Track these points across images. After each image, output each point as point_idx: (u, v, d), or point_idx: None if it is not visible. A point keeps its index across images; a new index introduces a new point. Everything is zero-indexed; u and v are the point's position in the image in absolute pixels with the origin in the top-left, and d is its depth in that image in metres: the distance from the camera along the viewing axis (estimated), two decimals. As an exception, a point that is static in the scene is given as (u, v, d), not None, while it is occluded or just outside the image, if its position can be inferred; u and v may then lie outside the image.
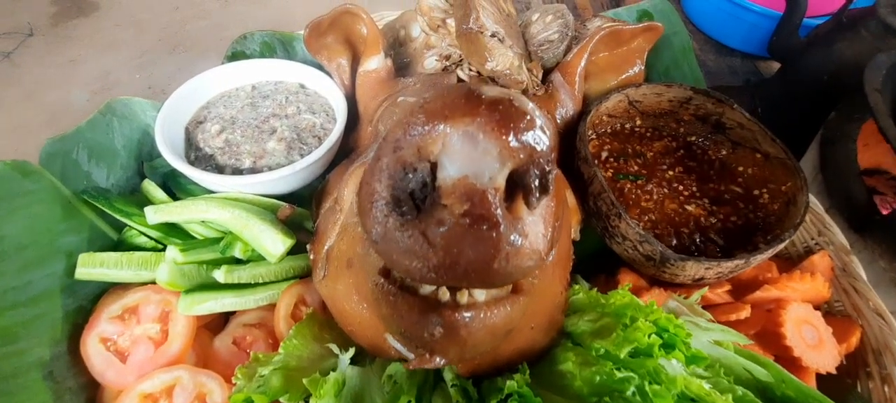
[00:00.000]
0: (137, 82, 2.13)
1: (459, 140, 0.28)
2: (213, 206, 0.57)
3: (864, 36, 0.99)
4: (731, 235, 0.66)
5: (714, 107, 0.71)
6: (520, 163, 0.29)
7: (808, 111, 1.05)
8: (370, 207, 0.30)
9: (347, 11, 0.68)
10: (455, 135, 0.28)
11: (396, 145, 0.29)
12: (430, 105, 0.29)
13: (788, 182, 0.65)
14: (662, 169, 0.72)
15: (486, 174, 0.28)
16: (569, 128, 0.70)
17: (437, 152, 0.29)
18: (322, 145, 0.63)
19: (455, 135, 0.28)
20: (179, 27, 2.30)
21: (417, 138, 0.29)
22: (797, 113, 1.07)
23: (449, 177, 0.29)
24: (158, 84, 2.13)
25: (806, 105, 1.06)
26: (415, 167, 0.29)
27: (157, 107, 0.66)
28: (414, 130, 0.29)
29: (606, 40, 0.70)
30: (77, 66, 2.19)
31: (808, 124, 1.03)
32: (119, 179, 0.62)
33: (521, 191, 0.30)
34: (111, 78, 2.15)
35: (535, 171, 0.29)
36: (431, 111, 0.28)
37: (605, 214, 0.61)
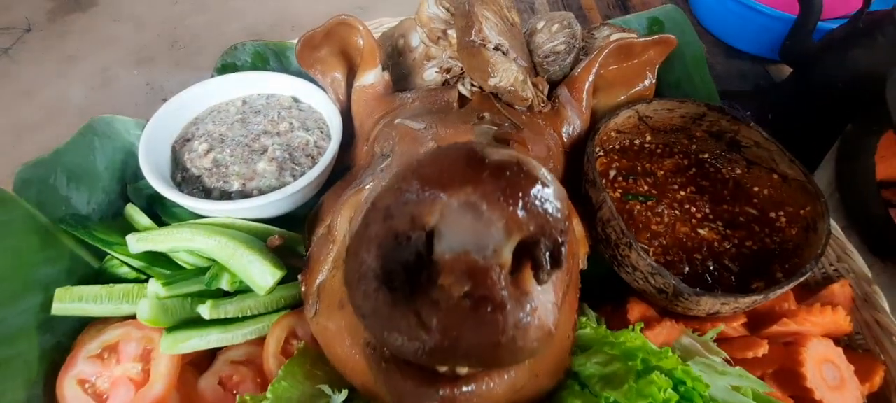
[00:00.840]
0: (136, 78, 2.09)
1: (459, 210, 0.24)
2: (199, 234, 0.53)
3: (882, 43, 0.94)
4: (746, 261, 0.61)
5: (729, 125, 0.67)
6: (529, 235, 0.24)
7: (822, 120, 1.00)
8: (358, 280, 0.26)
9: (343, 22, 0.64)
10: (454, 205, 0.24)
11: (387, 213, 0.25)
12: (426, 169, 0.25)
13: (808, 206, 0.61)
14: (674, 189, 0.67)
15: (490, 247, 0.24)
16: (576, 147, 0.66)
17: (433, 222, 0.25)
18: (315, 167, 0.59)
19: (454, 204, 0.24)
20: (178, 22, 2.24)
21: (411, 207, 0.24)
22: (810, 121, 1.02)
23: (447, 250, 0.24)
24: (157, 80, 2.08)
25: (819, 113, 1.01)
26: (408, 236, 0.25)
27: (141, 125, 0.62)
28: (407, 197, 0.24)
29: (616, 53, 0.66)
30: (75, 63, 2.14)
31: (821, 134, 0.98)
32: (101, 203, 0.58)
33: (528, 259, 0.26)
34: (109, 74, 2.11)
35: (547, 243, 0.25)
36: (427, 177, 0.24)
37: (615, 243, 0.57)
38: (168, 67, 2.10)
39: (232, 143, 0.62)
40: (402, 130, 0.51)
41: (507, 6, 0.72)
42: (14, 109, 2.03)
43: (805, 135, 1.03)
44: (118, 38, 2.23)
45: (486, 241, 0.24)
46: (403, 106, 0.62)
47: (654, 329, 0.56)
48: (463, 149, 0.25)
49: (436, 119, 0.52)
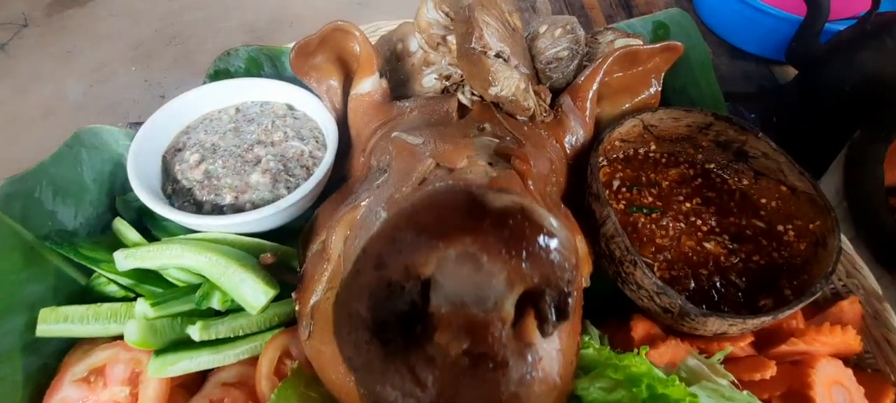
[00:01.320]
0: (133, 75, 2.05)
1: (457, 261, 0.22)
2: (188, 251, 0.51)
3: (891, 46, 0.91)
4: (753, 277, 0.59)
5: (737, 135, 0.65)
6: (533, 286, 0.22)
7: (829, 124, 0.98)
8: (348, 331, 0.24)
9: (338, 28, 0.61)
10: (452, 256, 0.22)
11: (379, 261, 0.23)
12: (422, 216, 0.22)
13: (817, 220, 0.59)
14: (679, 200, 0.65)
15: (491, 300, 0.22)
16: (579, 158, 0.63)
17: (429, 273, 0.22)
18: (309, 180, 0.57)
19: (452, 255, 0.22)
20: (176, 18, 2.21)
21: (405, 256, 0.22)
22: (816, 125, 1.00)
23: (444, 303, 0.22)
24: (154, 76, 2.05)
25: (826, 117, 0.98)
26: (402, 286, 0.23)
27: (130, 135, 0.59)
28: (401, 246, 0.22)
29: (621, 61, 0.63)
30: (72, 58, 2.11)
31: (828, 139, 0.96)
32: (89, 217, 0.56)
33: (531, 308, 0.24)
34: (107, 70, 2.08)
35: (552, 294, 0.22)
36: (423, 225, 0.22)
37: (619, 259, 0.54)
38: (166, 64, 2.07)
39: (224, 154, 0.59)
40: (400, 145, 0.49)
41: (509, 10, 0.70)
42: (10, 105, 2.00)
43: (811, 140, 1.01)
44: (115, 34, 2.20)
45: (487, 293, 0.22)
46: (401, 116, 0.60)
47: (659, 348, 0.54)
48: (462, 195, 0.23)
49: (434, 132, 0.50)
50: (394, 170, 0.48)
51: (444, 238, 0.22)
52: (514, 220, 0.22)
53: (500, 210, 0.22)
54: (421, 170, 0.45)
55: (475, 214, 0.22)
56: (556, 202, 0.51)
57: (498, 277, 0.22)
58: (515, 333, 0.23)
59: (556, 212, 0.48)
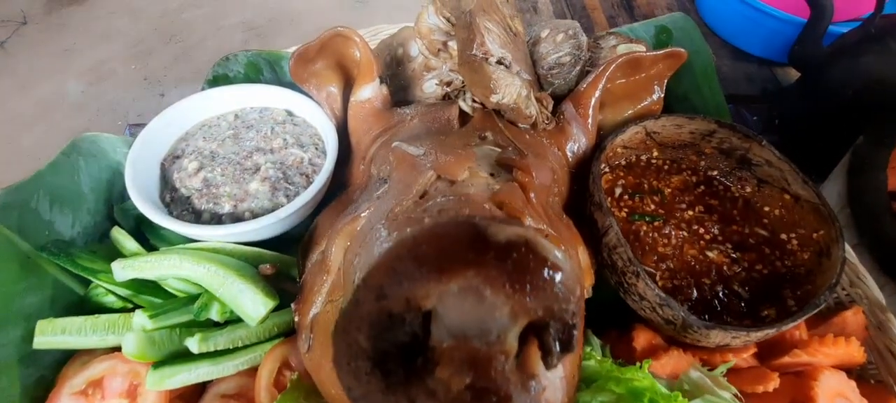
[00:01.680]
0: (133, 73, 2.04)
1: (460, 294, 0.21)
2: (187, 261, 0.51)
3: (894, 49, 0.91)
4: (756, 286, 0.59)
5: (740, 142, 0.64)
6: (537, 318, 0.22)
7: (831, 128, 0.97)
8: (348, 361, 0.23)
9: (338, 34, 0.60)
10: (454, 289, 0.21)
11: (379, 292, 0.22)
12: (424, 249, 0.22)
13: (821, 230, 0.58)
14: (681, 208, 0.65)
15: (494, 333, 0.22)
16: (581, 165, 0.63)
17: (430, 305, 0.22)
18: (309, 188, 0.56)
19: (455, 288, 0.21)
20: (175, 15, 2.19)
21: (406, 288, 0.22)
22: (818, 128, 0.99)
23: (445, 336, 0.22)
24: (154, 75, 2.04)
25: (828, 121, 0.98)
26: (403, 317, 0.22)
27: (128, 143, 0.59)
28: (402, 278, 0.22)
29: (624, 67, 0.62)
30: (71, 56, 2.10)
31: (831, 143, 0.95)
32: (86, 226, 0.55)
33: (535, 339, 0.23)
34: (106, 68, 2.07)
35: (557, 327, 0.22)
36: (424, 258, 0.21)
37: (621, 270, 0.54)
38: (165, 62, 2.06)
39: (223, 161, 0.59)
40: (400, 155, 0.48)
41: (511, 15, 0.69)
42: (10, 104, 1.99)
43: (813, 144, 1.00)
44: (115, 32, 2.18)
45: (490, 327, 0.21)
46: (402, 123, 0.59)
47: (661, 358, 0.54)
48: (464, 227, 0.22)
49: (435, 143, 0.49)
50: (394, 182, 0.47)
51: (447, 271, 0.21)
52: (518, 253, 0.21)
53: (503, 243, 0.21)
54: (422, 182, 0.44)
55: (478, 247, 0.21)
56: (557, 212, 0.50)
57: (501, 310, 0.21)
58: (519, 366, 0.23)
59: (558, 224, 0.47)
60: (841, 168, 0.82)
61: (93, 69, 2.06)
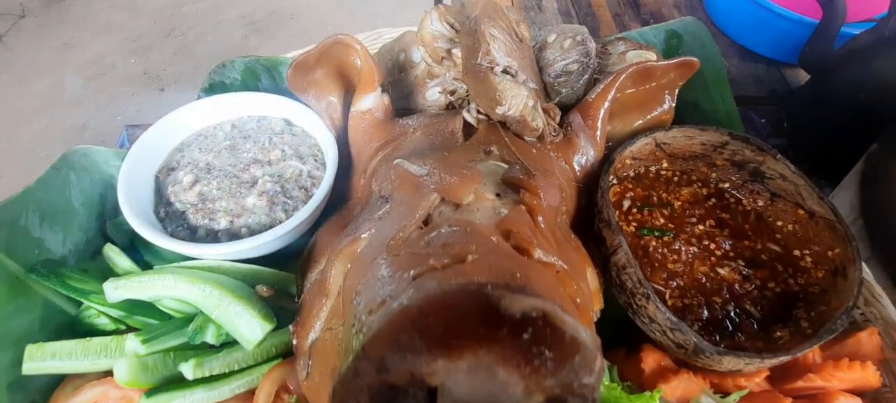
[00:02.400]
0: (132, 68, 2.02)
1: (470, 371, 0.19)
2: (181, 282, 0.49)
3: (910, 53, 0.87)
4: (768, 305, 0.57)
5: (753, 155, 0.61)
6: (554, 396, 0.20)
7: (842, 133, 0.94)
8: (345, 432, 0.21)
9: (338, 42, 0.58)
10: (464, 367, 0.19)
11: (381, 365, 0.20)
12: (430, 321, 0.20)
13: (837, 248, 0.56)
14: (692, 222, 0.62)
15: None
16: (589, 178, 0.60)
17: (437, 382, 0.20)
18: (308, 204, 0.54)
19: (464, 366, 0.19)
20: (175, 9, 2.16)
21: (410, 363, 0.19)
22: (829, 134, 0.96)
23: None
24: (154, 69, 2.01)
25: (839, 126, 0.95)
26: (406, 390, 0.20)
27: (121, 156, 0.56)
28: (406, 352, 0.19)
29: (634, 77, 0.60)
30: (71, 50, 2.07)
31: (842, 148, 0.92)
32: (78, 242, 0.53)
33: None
34: (105, 62, 2.04)
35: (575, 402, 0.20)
36: (431, 332, 0.19)
37: (631, 291, 0.52)
38: (165, 56, 2.03)
39: (220, 174, 0.56)
40: (402, 174, 0.46)
41: (517, 20, 0.66)
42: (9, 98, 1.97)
43: (824, 149, 0.97)
44: (114, 26, 2.15)
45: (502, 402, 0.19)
46: (404, 135, 0.57)
47: (671, 382, 0.52)
48: (474, 297, 0.20)
49: (438, 160, 0.47)
50: (396, 203, 0.45)
51: (456, 348, 0.19)
52: (535, 328, 0.19)
53: (518, 317, 0.19)
54: (425, 205, 0.42)
55: (490, 322, 0.19)
56: (566, 233, 0.48)
57: (515, 388, 0.19)
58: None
59: (566, 248, 0.45)
60: (853, 176, 0.80)
61: (92, 63, 2.03)
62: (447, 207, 0.42)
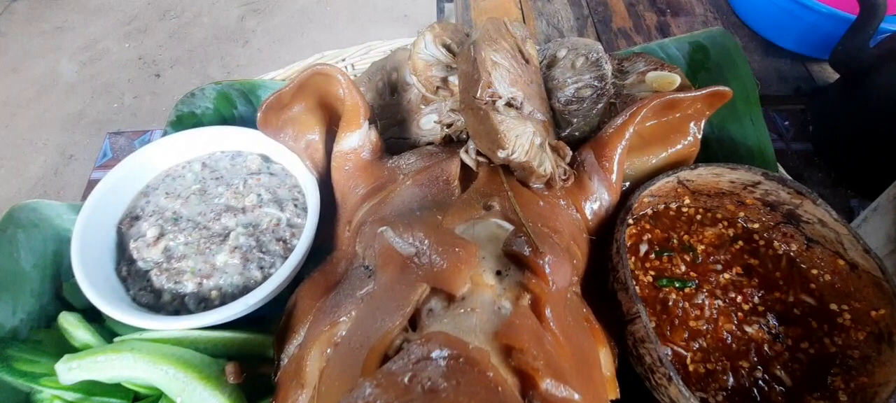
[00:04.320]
0: (127, 52, 1.92)
1: None
2: (143, 361, 0.42)
3: (957, 56, 0.77)
4: (801, 370, 0.49)
5: (790, 197, 0.53)
6: None
7: (876, 141, 0.84)
8: None
9: (318, 73, 0.49)
10: None
11: None
12: None
13: (882, 309, 0.48)
14: (717, 270, 0.54)
15: None
16: (603, 227, 0.52)
17: None
18: (286, 263, 0.47)
19: None
20: (169, -10, 2.04)
21: None
22: (861, 140, 0.86)
23: None
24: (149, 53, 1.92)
25: (873, 133, 0.85)
26: None
27: (76, 209, 0.49)
28: None
29: (656, 110, 0.51)
30: (64, 34, 1.97)
31: (874, 157, 0.84)
32: (31, 311, 0.46)
33: None
34: (100, 47, 1.94)
35: None
36: None
37: (649, 366, 0.45)
38: (160, 40, 1.93)
39: (188, 226, 0.49)
40: (387, 251, 0.38)
41: (523, 37, 0.57)
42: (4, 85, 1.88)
43: (854, 157, 0.88)
44: (107, 8, 2.04)
45: None
46: (393, 182, 0.49)
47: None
48: None
49: (430, 230, 0.39)
50: (380, 288, 0.38)
51: None
52: None
53: None
54: (412, 299, 0.34)
55: None
56: (577, 312, 0.41)
57: None
58: None
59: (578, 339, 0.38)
60: (891, 201, 0.71)
61: (86, 48, 1.93)
62: (438, 302, 0.35)
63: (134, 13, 1.97)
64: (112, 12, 1.98)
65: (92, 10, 1.99)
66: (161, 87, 1.79)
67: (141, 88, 1.84)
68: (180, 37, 1.89)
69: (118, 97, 1.83)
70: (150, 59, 1.90)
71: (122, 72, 1.87)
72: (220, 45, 1.82)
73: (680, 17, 1.07)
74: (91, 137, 1.71)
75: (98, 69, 1.86)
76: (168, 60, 1.87)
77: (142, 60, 1.87)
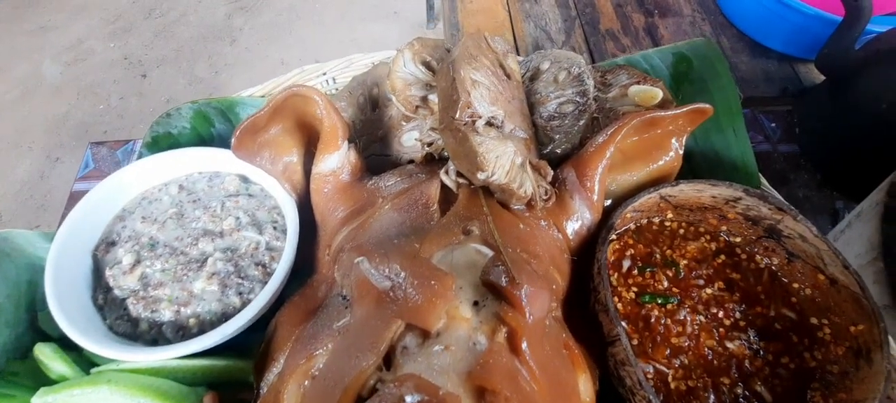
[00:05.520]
0: (112, 52, 1.89)
1: None
2: (119, 393, 0.42)
3: (941, 59, 0.77)
4: (781, 385, 0.50)
5: (770, 213, 0.53)
6: None
7: (861, 144, 0.84)
8: None
9: (295, 94, 0.48)
10: None
11: None
12: None
13: (860, 325, 0.48)
14: (699, 285, 0.54)
15: None
16: (584, 246, 0.52)
17: None
18: (264, 290, 0.46)
19: None
20: (153, -13, 2.00)
21: None
22: (846, 143, 0.87)
23: None
24: (134, 53, 1.89)
25: (858, 136, 0.85)
26: None
27: (49, 237, 0.48)
28: None
29: (638, 128, 0.51)
30: (47, 34, 1.94)
31: (859, 160, 0.84)
32: (6, 341, 0.45)
33: None
34: (84, 47, 1.91)
35: None
36: None
37: (630, 388, 0.45)
38: (146, 39, 1.90)
39: (164, 252, 0.48)
40: (363, 285, 0.38)
41: (504, 52, 0.56)
42: (-13, 87, 1.85)
43: (840, 160, 0.88)
44: (92, 6, 2.00)
45: None
46: (372, 205, 0.48)
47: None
48: None
49: (407, 262, 0.38)
50: (356, 321, 0.37)
51: None
52: None
53: None
54: (386, 337, 0.34)
55: None
56: (555, 341, 0.41)
57: None
58: None
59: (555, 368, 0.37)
60: (874, 208, 0.71)
61: (70, 48, 1.90)
62: (413, 337, 0.35)
63: (118, 12, 1.93)
64: (96, 11, 1.94)
65: (75, 9, 1.95)
66: (147, 88, 1.77)
67: (127, 89, 1.82)
68: (166, 36, 1.86)
69: (104, 98, 1.80)
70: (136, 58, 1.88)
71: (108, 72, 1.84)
72: (207, 44, 1.80)
73: (668, 18, 1.06)
74: (77, 139, 1.69)
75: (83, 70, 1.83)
76: (154, 60, 1.85)
77: (127, 60, 1.84)
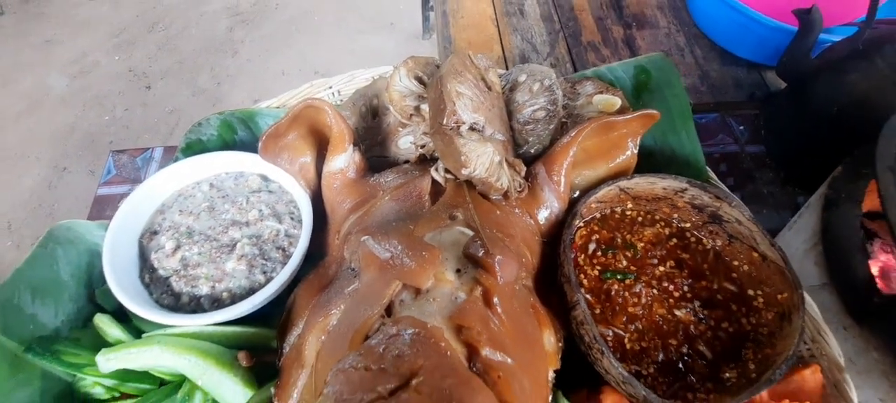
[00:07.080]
0: (117, 65, 2.01)
1: None
2: (168, 352, 0.53)
3: (882, 68, 0.89)
4: (720, 345, 0.61)
5: (711, 201, 0.65)
6: None
7: (816, 144, 0.97)
8: None
9: (309, 106, 0.60)
10: None
11: None
12: None
13: (784, 293, 0.60)
14: (653, 263, 0.66)
15: None
16: (553, 229, 0.64)
17: None
18: (285, 268, 0.58)
19: None
20: (157, 1, 2.13)
21: None
22: (804, 144, 0.99)
23: None
24: (139, 66, 2.01)
25: (813, 137, 0.97)
26: None
27: (104, 227, 0.60)
28: None
29: (597, 131, 0.62)
30: (52, 48, 2.06)
31: (815, 159, 0.95)
32: (69, 314, 0.57)
33: None
34: (89, 60, 2.03)
35: None
36: None
37: (588, 344, 0.56)
38: (150, 52, 2.03)
39: (200, 239, 0.60)
40: (368, 256, 0.49)
41: (486, 67, 0.68)
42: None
43: (799, 159, 1.00)
44: (96, 20, 2.13)
45: None
46: (374, 197, 0.60)
47: (629, 422, 0.57)
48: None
49: (404, 237, 0.50)
50: (363, 284, 0.49)
51: None
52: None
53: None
54: (387, 293, 0.45)
55: None
56: (524, 303, 0.52)
57: None
58: None
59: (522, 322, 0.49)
60: (817, 199, 0.83)
61: (76, 61, 2.02)
62: (408, 294, 0.46)
63: (122, 26, 2.06)
64: (100, 25, 2.07)
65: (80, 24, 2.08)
66: (152, 99, 1.89)
67: (132, 100, 1.94)
68: (169, 49, 1.99)
69: (109, 109, 1.92)
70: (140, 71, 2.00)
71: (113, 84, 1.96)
72: (210, 56, 1.92)
73: (645, 30, 1.19)
74: (84, 150, 1.81)
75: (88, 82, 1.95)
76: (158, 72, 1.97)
77: (132, 72, 1.96)
